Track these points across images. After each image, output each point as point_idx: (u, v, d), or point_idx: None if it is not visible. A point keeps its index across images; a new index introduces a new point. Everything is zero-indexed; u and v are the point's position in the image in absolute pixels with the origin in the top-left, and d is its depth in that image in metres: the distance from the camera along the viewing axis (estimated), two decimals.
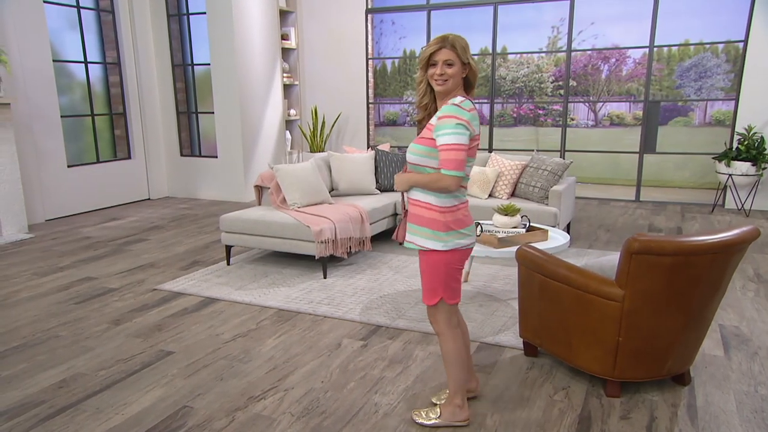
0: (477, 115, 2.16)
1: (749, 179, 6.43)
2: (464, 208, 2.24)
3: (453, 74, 2.13)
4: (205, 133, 7.98)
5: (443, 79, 2.13)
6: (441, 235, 2.18)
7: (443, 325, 2.31)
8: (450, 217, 2.18)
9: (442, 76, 2.13)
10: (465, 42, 2.17)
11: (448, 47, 2.12)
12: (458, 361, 2.33)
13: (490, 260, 4.71)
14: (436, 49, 2.14)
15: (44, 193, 6.53)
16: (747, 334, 3.31)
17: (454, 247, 2.19)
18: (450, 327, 2.31)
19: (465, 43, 2.16)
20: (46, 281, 4.41)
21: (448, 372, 2.37)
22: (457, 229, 2.19)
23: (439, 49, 2.13)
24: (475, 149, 2.18)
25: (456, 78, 2.14)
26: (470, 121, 2.10)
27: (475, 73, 2.19)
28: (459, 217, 2.20)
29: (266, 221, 4.45)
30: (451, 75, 2.13)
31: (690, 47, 8.23)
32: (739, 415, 2.49)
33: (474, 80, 2.20)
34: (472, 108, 2.13)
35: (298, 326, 3.48)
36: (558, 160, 5.13)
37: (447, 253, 2.20)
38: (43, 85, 6.42)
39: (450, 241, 2.18)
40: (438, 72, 2.14)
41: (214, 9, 7.22)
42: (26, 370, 2.96)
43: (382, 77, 9.27)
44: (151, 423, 2.46)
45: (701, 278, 2.39)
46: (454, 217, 2.19)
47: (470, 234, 2.25)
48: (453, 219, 2.18)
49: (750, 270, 4.49)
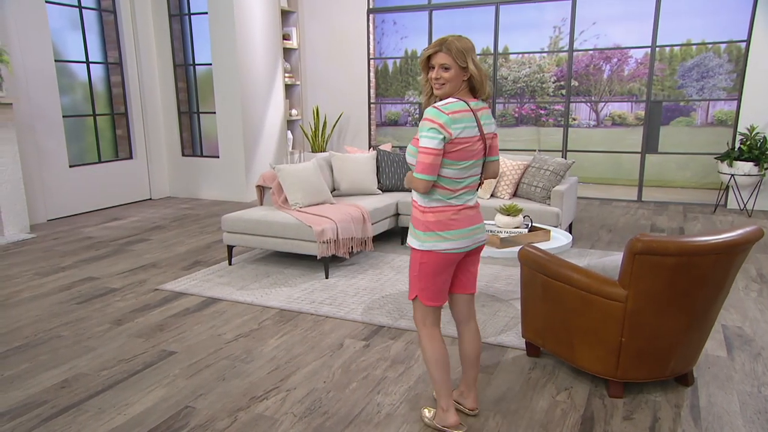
0: (466, 116, 2.09)
1: (751, 179, 6.42)
2: (451, 211, 2.17)
3: (449, 78, 2.11)
4: (207, 133, 7.98)
5: (440, 83, 2.13)
6: (419, 234, 2.19)
7: (418, 323, 2.32)
8: (431, 217, 2.16)
9: (438, 80, 2.13)
10: (466, 45, 2.11)
11: (444, 51, 2.10)
12: (434, 361, 2.27)
13: (492, 260, 4.70)
14: (432, 52, 2.13)
15: (46, 193, 6.54)
16: (750, 335, 3.31)
17: (431, 249, 2.17)
18: (424, 326, 2.29)
19: (465, 45, 2.10)
20: (48, 281, 4.41)
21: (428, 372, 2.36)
22: (437, 231, 2.16)
23: (435, 53, 2.12)
24: (468, 151, 2.11)
25: (453, 82, 2.12)
26: (446, 124, 2.05)
27: (479, 77, 2.13)
28: (442, 219, 2.16)
29: (268, 221, 4.45)
30: (448, 79, 2.11)
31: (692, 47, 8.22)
32: (742, 415, 2.48)
33: (478, 84, 2.14)
34: (455, 111, 2.07)
35: (300, 326, 3.48)
36: (560, 160, 5.12)
37: (423, 253, 2.19)
38: (45, 85, 6.43)
39: (427, 242, 2.17)
40: (434, 76, 2.14)
41: (215, 9, 7.22)
42: (28, 370, 2.96)
43: (383, 77, 9.27)
44: (153, 423, 2.46)
45: (705, 279, 2.38)
46: (437, 218, 2.16)
47: (453, 239, 2.17)
48: (435, 220, 2.16)
49: (753, 270, 4.48)
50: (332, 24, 8.23)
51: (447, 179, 2.14)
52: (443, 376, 2.30)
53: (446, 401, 2.33)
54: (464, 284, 2.37)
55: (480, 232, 2.28)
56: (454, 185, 2.16)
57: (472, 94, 2.18)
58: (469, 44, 2.13)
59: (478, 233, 2.27)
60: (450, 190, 2.16)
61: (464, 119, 2.09)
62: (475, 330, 2.43)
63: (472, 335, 2.42)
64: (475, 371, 2.45)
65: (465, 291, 2.38)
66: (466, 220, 2.21)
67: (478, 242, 2.28)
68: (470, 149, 2.13)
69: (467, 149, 2.12)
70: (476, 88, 2.16)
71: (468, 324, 2.42)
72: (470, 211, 2.22)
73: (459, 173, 2.14)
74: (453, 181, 2.15)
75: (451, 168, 2.12)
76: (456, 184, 2.16)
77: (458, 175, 2.15)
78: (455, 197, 2.18)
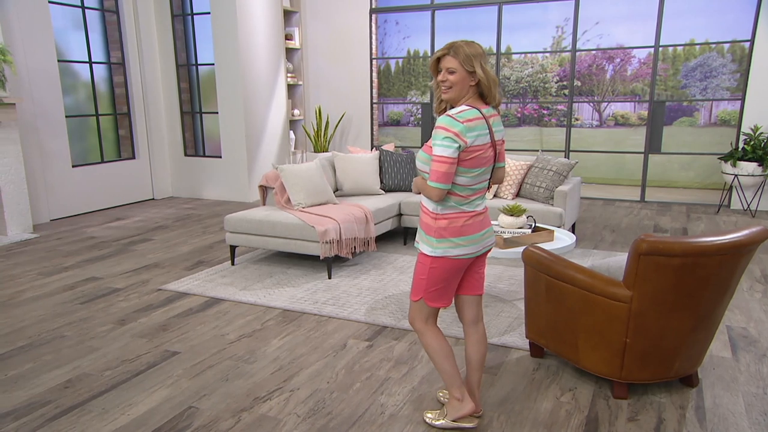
0: (480, 124, 2.09)
1: (755, 179, 6.40)
2: (464, 218, 2.18)
3: (455, 81, 2.11)
4: (210, 133, 7.98)
5: (446, 86, 2.14)
6: (432, 240, 2.19)
7: (419, 324, 2.32)
8: (443, 224, 2.17)
9: (445, 83, 2.14)
10: (475, 50, 2.10)
11: (451, 54, 2.11)
12: (443, 354, 2.30)
13: (496, 261, 4.69)
14: (440, 55, 2.15)
15: (49, 192, 6.55)
16: (755, 336, 3.29)
17: (443, 255, 2.18)
18: (426, 325, 2.31)
19: (474, 51, 2.09)
20: (51, 281, 4.42)
21: (436, 368, 2.36)
22: (450, 237, 2.17)
23: (443, 56, 2.14)
24: (481, 159, 2.12)
25: (460, 86, 2.12)
26: (461, 132, 2.05)
27: (486, 82, 2.12)
28: (455, 226, 2.17)
29: (271, 221, 4.45)
30: (454, 82, 2.11)
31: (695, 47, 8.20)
32: (747, 417, 2.47)
33: (486, 90, 2.13)
34: (470, 119, 2.07)
35: (303, 327, 3.48)
36: (563, 160, 5.11)
37: (434, 259, 2.20)
38: (48, 85, 6.43)
39: (439, 248, 2.18)
40: (440, 79, 2.15)
41: (218, 9, 7.22)
42: (32, 370, 2.96)
43: (386, 77, 9.27)
44: (156, 423, 2.45)
45: (710, 279, 2.37)
46: (449, 224, 2.17)
47: (465, 244, 2.18)
48: (446, 226, 2.17)
49: (757, 271, 4.46)
50: (335, 24, 8.23)
51: (460, 186, 2.14)
52: (453, 368, 2.32)
53: (460, 391, 2.34)
54: (472, 285, 2.37)
55: (489, 236, 2.29)
56: (467, 192, 2.17)
57: (482, 100, 2.17)
58: (479, 50, 2.12)
59: (488, 237, 2.28)
60: (462, 197, 2.17)
61: (478, 127, 2.09)
62: (482, 333, 2.42)
63: (480, 337, 2.41)
64: (479, 374, 2.43)
65: (473, 292, 2.38)
66: (477, 226, 2.22)
67: (487, 246, 2.30)
68: (483, 156, 2.13)
69: (480, 156, 2.12)
70: (485, 94, 2.16)
71: (476, 326, 2.41)
72: (480, 216, 2.23)
73: (472, 180, 2.15)
74: (466, 188, 2.16)
75: (465, 176, 2.13)
76: (469, 191, 2.17)
77: (471, 183, 2.15)
78: (467, 203, 2.19)
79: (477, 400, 2.45)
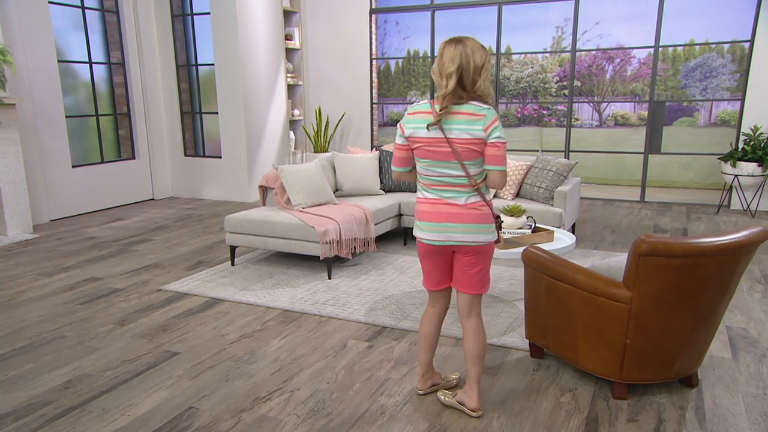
0: (419, 118, 2.24)
1: (755, 180, 6.40)
2: (423, 203, 2.36)
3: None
4: (210, 133, 7.98)
5: None
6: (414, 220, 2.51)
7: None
8: (417, 206, 2.42)
9: None
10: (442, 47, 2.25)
11: None
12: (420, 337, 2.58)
13: (496, 261, 4.69)
14: None
15: (49, 193, 6.55)
16: (755, 336, 3.30)
17: (415, 235, 2.43)
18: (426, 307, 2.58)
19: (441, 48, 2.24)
20: (52, 281, 4.42)
21: None
22: (416, 219, 2.41)
23: None
24: (425, 151, 2.25)
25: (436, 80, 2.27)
26: (403, 123, 2.30)
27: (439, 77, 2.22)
28: (418, 209, 2.40)
29: (271, 222, 4.45)
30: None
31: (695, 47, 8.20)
32: (747, 417, 2.47)
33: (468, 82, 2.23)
34: (413, 111, 2.28)
35: (303, 327, 3.48)
36: (563, 160, 5.11)
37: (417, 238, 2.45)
38: (48, 86, 6.43)
39: (415, 228, 2.43)
40: None
41: (218, 9, 7.22)
42: (32, 371, 2.96)
43: (386, 77, 9.27)
44: (157, 424, 2.46)
45: (710, 280, 2.37)
46: (417, 207, 2.41)
47: (424, 229, 2.36)
48: (416, 208, 2.41)
49: (757, 271, 4.46)
50: (335, 24, 8.23)
51: (420, 174, 2.36)
52: (423, 354, 2.58)
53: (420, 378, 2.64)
54: (459, 281, 2.43)
55: (457, 231, 2.29)
56: (426, 181, 2.34)
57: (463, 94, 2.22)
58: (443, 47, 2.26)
59: (453, 232, 2.29)
60: (423, 184, 2.37)
61: (417, 120, 2.26)
62: (474, 327, 2.42)
63: (471, 332, 2.42)
64: (475, 369, 2.43)
65: (459, 288, 2.44)
66: (439, 216, 2.31)
67: (454, 241, 2.30)
68: (428, 149, 2.25)
69: (423, 149, 2.27)
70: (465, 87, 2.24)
71: (468, 320, 2.44)
72: (448, 207, 2.30)
73: (425, 170, 2.31)
74: (423, 176, 2.34)
75: (419, 164, 2.33)
76: (427, 180, 2.33)
77: (426, 172, 2.32)
78: (427, 190, 2.35)
79: (476, 398, 2.46)
